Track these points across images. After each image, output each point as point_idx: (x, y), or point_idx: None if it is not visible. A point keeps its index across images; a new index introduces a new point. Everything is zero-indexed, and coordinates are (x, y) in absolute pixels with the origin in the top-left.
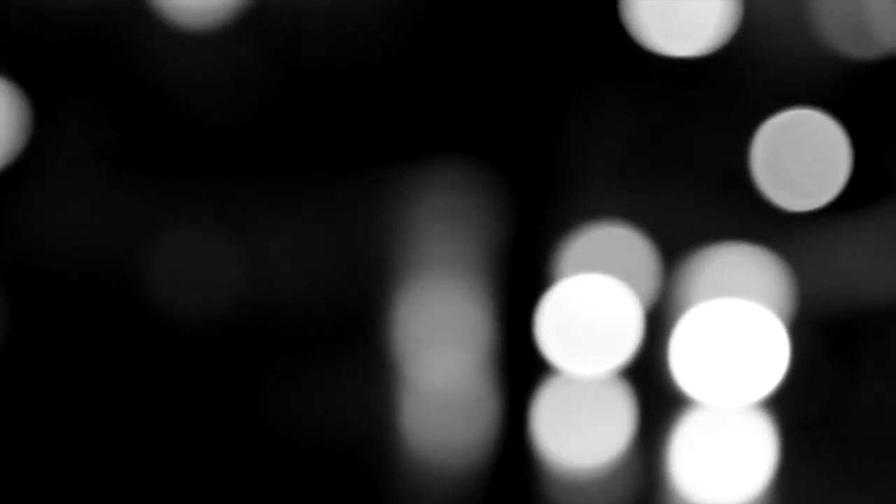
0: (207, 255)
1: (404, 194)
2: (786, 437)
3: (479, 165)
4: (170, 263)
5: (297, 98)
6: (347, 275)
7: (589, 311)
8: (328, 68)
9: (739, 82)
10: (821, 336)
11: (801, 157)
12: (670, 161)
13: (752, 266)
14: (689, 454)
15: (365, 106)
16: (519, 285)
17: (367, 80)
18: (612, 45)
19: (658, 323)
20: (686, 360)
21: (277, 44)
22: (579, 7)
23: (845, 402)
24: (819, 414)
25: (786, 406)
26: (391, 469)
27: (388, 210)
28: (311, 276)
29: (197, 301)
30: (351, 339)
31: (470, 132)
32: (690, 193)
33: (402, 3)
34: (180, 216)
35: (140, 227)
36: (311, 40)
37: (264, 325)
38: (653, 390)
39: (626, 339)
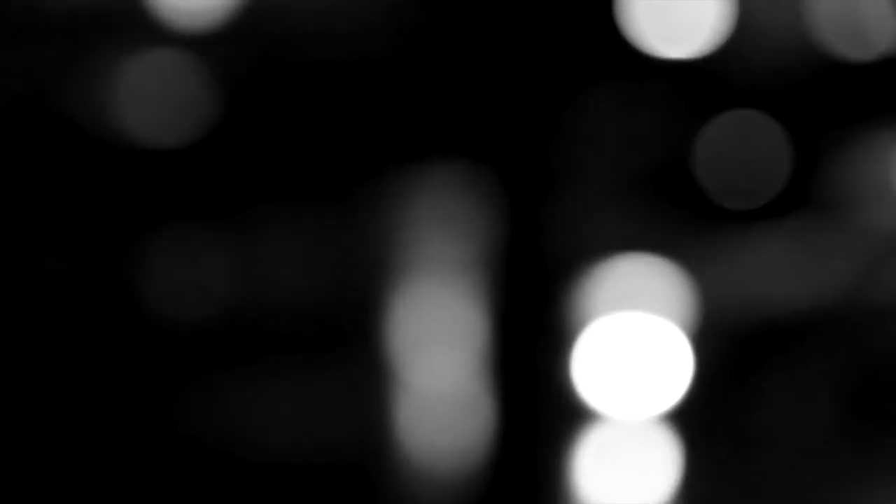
0: (201, 255)
1: (401, 196)
2: (690, 450)
3: (475, 168)
4: (163, 263)
5: (292, 99)
6: (343, 276)
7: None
8: (323, 69)
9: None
10: (730, 347)
11: (737, 160)
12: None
13: (657, 277)
14: (592, 467)
15: (361, 108)
16: (516, 288)
17: (363, 81)
18: (608, 47)
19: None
20: (588, 373)
21: (272, 45)
22: (574, 10)
23: (753, 413)
24: (724, 427)
25: (690, 419)
26: (387, 471)
27: (384, 212)
28: (306, 278)
29: (190, 301)
30: (347, 341)
31: (465, 135)
32: (596, 200)
33: (397, 6)
34: (174, 216)
35: (135, 226)
36: (305, 42)
37: (258, 325)
38: (555, 402)
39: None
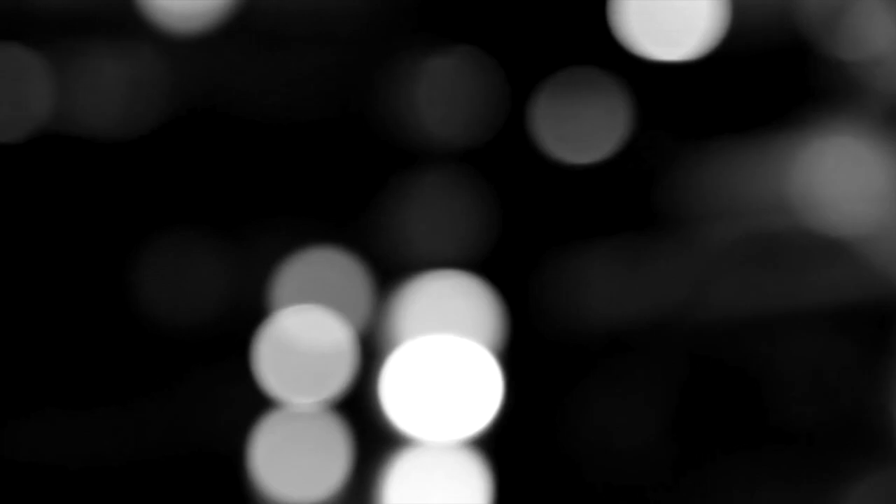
0: (196, 259)
1: (397, 199)
2: (501, 475)
3: (469, 171)
4: (158, 267)
5: (287, 101)
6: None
7: (304, 342)
8: (318, 71)
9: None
10: (553, 363)
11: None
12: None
13: (468, 296)
14: (403, 491)
15: (357, 109)
16: (509, 289)
17: (359, 82)
18: (601, 48)
19: (372, 355)
20: (398, 395)
21: (268, 47)
22: (567, 11)
23: (576, 430)
24: (539, 450)
25: (501, 442)
26: None
27: (380, 215)
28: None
29: (184, 306)
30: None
31: (459, 138)
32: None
33: (391, 8)
34: (170, 219)
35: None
36: (300, 43)
37: (252, 329)
38: (368, 424)
39: (340, 371)
